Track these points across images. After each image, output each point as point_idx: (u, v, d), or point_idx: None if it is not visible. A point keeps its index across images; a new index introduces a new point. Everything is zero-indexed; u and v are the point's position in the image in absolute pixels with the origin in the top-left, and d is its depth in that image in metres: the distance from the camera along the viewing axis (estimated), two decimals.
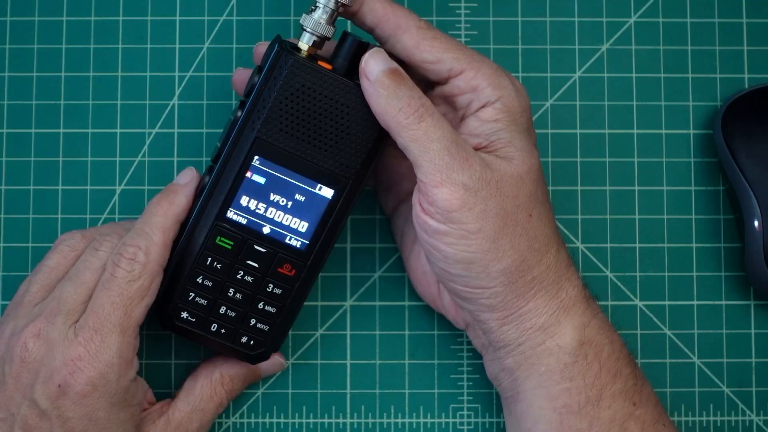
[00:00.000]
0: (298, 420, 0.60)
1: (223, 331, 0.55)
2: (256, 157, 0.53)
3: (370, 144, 0.53)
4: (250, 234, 0.54)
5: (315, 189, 0.53)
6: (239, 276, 0.54)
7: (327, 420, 0.60)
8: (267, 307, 0.55)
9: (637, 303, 0.61)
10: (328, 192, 0.54)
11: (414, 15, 0.53)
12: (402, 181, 0.58)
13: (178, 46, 0.61)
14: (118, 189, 0.61)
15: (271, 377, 0.60)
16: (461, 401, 0.61)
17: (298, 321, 0.58)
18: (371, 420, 0.60)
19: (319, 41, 0.53)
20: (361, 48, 0.53)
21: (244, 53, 0.61)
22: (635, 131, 0.62)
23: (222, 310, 0.55)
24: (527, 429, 0.53)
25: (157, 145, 0.61)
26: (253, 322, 0.55)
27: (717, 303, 0.61)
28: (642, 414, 0.53)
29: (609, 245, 0.61)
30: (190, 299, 0.55)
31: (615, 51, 0.62)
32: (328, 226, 0.54)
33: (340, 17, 0.53)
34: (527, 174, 0.52)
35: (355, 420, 0.60)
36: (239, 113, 0.52)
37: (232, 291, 0.55)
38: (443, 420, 0.61)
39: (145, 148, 0.61)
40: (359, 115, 0.53)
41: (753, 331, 0.61)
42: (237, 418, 0.60)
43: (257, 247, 0.54)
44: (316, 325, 0.61)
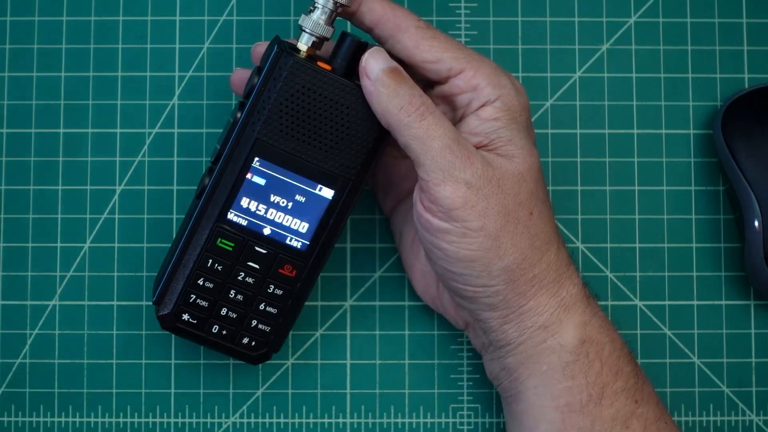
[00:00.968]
0: (298, 420, 0.60)
1: (225, 333, 0.55)
2: (256, 159, 0.53)
3: (369, 144, 0.53)
4: (250, 235, 0.54)
5: (315, 190, 0.53)
6: (240, 277, 0.54)
7: (327, 420, 0.60)
8: (268, 308, 0.55)
9: (637, 303, 0.61)
10: (328, 192, 0.54)
11: (413, 15, 0.53)
12: (400, 181, 0.58)
13: (178, 46, 0.61)
14: (118, 189, 0.61)
15: (271, 377, 0.60)
16: (461, 401, 0.61)
17: (298, 321, 0.58)
18: (371, 420, 0.60)
19: (318, 42, 0.53)
20: (360, 48, 0.52)
21: (243, 53, 0.61)
22: (635, 131, 0.62)
23: (223, 311, 0.55)
24: (529, 428, 0.53)
25: (157, 145, 0.61)
26: (255, 323, 0.55)
27: (717, 303, 0.61)
28: (644, 412, 0.53)
29: (609, 245, 0.61)
30: (191, 301, 0.54)
31: (615, 51, 0.62)
32: (328, 226, 0.54)
33: (338, 17, 0.53)
34: (528, 172, 0.52)
35: (355, 420, 0.60)
36: (239, 114, 0.52)
37: (233, 292, 0.55)
38: (443, 420, 0.61)
39: (145, 148, 0.61)
40: (359, 116, 0.53)
41: (753, 331, 0.61)
42: (237, 418, 0.60)
43: (258, 249, 0.54)
44: (316, 325, 0.61)
